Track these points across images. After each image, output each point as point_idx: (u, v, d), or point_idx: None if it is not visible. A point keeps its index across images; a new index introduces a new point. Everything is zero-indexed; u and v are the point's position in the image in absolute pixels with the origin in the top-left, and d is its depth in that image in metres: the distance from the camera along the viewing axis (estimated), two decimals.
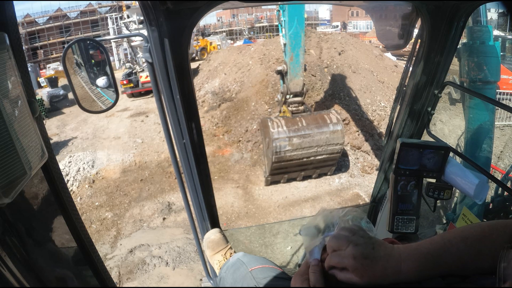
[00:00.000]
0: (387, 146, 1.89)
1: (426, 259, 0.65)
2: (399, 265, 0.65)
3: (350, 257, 0.65)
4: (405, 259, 0.65)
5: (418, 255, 0.66)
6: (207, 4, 1.18)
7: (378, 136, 7.67)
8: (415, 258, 0.65)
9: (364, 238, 0.68)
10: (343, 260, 0.66)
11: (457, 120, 6.87)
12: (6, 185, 0.54)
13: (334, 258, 0.67)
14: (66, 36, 33.37)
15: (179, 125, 1.44)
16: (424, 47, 1.46)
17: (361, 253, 0.65)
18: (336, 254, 0.67)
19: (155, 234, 5.52)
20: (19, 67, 0.63)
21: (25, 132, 0.61)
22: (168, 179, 7.27)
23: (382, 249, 0.67)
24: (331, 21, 43.33)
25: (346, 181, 6.73)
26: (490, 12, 14.79)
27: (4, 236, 0.58)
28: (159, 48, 1.22)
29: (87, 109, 1.17)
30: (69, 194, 0.83)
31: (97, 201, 6.79)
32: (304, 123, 5.89)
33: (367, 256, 0.65)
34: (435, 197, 1.29)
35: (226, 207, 6.13)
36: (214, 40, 27.09)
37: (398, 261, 0.65)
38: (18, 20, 0.70)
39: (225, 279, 1.36)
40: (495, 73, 2.77)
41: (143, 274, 4.55)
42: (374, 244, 0.67)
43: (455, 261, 0.65)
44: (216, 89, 10.69)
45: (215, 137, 8.66)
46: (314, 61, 10.01)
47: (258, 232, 4.10)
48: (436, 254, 0.66)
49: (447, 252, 0.65)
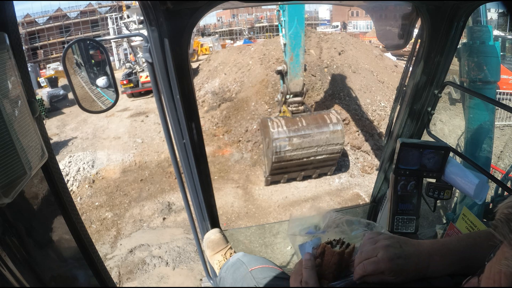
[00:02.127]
0: (387, 146, 1.89)
1: (453, 255, 0.67)
2: (428, 260, 0.66)
3: (385, 261, 0.66)
4: (433, 254, 0.67)
5: (446, 251, 0.67)
6: (207, 4, 1.17)
7: (378, 136, 7.67)
8: (442, 254, 0.67)
9: (388, 239, 0.69)
10: (379, 266, 0.66)
11: (457, 120, 6.87)
12: (6, 185, 0.54)
13: (370, 266, 0.67)
14: (66, 36, 33.38)
15: (179, 125, 1.44)
16: (424, 47, 1.46)
17: (394, 254, 0.66)
18: (370, 262, 0.68)
19: (155, 234, 5.51)
20: (19, 67, 0.63)
21: (25, 132, 0.61)
22: (168, 179, 7.27)
23: (410, 246, 0.68)
24: (331, 21, 43.35)
25: (346, 181, 6.73)
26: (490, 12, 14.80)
27: (4, 236, 0.58)
28: (159, 48, 1.22)
29: (87, 109, 1.16)
30: (69, 194, 0.83)
31: (97, 201, 6.79)
32: (304, 123, 5.89)
33: (400, 255, 0.66)
34: (435, 197, 1.29)
35: (226, 207, 6.13)
36: (206, 42, 26.42)
37: (427, 256, 0.67)
38: (18, 20, 0.70)
39: (225, 279, 1.36)
40: (495, 73, 2.77)
41: (143, 274, 4.55)
42: (400, 242, 0.68)
43: (479, 258, 0.65)
44: (216, 89, 10.68)
45: (215, 137, 8.66)
46: (314, 61, 10.01)
47: (258, 232, 4.10)
48: (463, 250, 0.67)
49: (473, 251, 0.67)
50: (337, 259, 0.72)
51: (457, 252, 0.67)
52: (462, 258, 0.67)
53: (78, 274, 0.93)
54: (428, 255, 0.67)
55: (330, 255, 0.73)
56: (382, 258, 0.66)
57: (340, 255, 0.72)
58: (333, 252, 0.72)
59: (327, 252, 0.73)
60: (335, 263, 0.72)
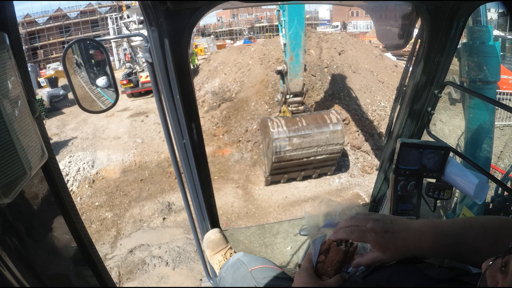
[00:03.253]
0: (387, 146, 1.89)
1: (446, 236, 0.66)
2: (419, 238, 0.66)
3: (372, 232, 0.66)
4: (425, 232, 0.66)
5: (438, 230, 0.67)
6: (207, 4, 1.17)
7: (378, 136, 7.67)
8: (435, 233, 0.66)
9: (380, 215, 0.71)
10: (365, 235, 0.67)
11: (457, 120, 6.86)
12: (6, 185, 0.54)
13: (355, 233, 0.68)
14: (66, 36, 33.38)
15: (179, 125, 1.44)
16: (424, 47, 1.46)
17: (382, 227, 0.67)
18: (357, 229, 0.68)
19: (155, 234, 5.51)
20: (19, 67, 0.63)
21: (25, 132, 0.61)
22: (168, 179, 7.27)
23: (400, 222, 0.68)
24: (331, 21, 43.34)
25: (346, 181, 6.73)
26: (490, 12, 14.80)
27: (4, 236, 0.58)
28: (159, 48, 1.22)
29: (87, 109, 1.16)
30: (69, 194, 0.83)
31: (97, 201, 6.79)
32: (304, 123, 5.89)
33: (387, 229, 0.66)
34: (435, 197, 1.29)
35: (226, 207, 6.13)
36: (201, 42, 26.06)
37: (418, 234, 0.66)
38: (18, 20, 0.70)
39: (225, 279, 1.36)
40: (495, 73, 2.77)
41: (143, 274, 4.55)
42: (391, 219, 0.69)
43: (471, 244, 0.66)
44: (216, 89, 10.68)
45: (215, 137, 8.66)
46: (314, 61, 10.01)
47: (258, 232, 4.10)
48: (456, 233, 0.66)
49: (466, 234, 0.66)
50: (341, 257, 0.72)
51: (450, 234, 0.66)
52: (455, 242, 0.66)
53: (78, 274, 0.93)
54: (420, 233, 0.66)
55: (335, 252, 0.73)
56: (369, 228, 0.67)
57: (345, 253, 0.72)
58: (339, 250, 0.72)
59: (332, 249, 0.73)
60: (339, 261, 0.72)
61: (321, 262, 0.73)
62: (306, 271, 0.72)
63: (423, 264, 0.70)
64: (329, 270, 0.73)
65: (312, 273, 0.72)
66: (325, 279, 0.72)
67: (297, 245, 3.48)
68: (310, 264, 0.74)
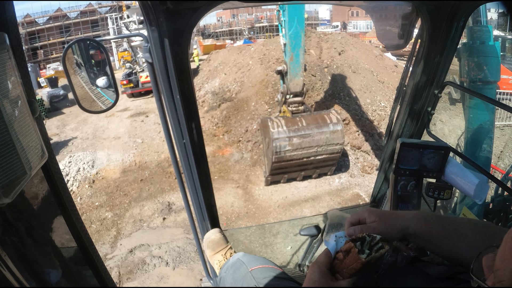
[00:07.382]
0: (387, 146, 1.89)
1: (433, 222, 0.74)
2: (406, 223, 0.74)
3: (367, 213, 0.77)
4: (413, 216, 0.75)
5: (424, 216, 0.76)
6: (207, 4, 1.18)
7: (378, 136, 7.67)
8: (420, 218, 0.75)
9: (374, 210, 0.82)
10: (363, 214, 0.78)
11: (457, 120, 6.86)
12: (6, 185, 0.54)
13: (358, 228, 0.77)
14: (66, 36, 33.35)
15: (179, 125, 1.44)
16: (424, 47, 1.46)
17: (375, 210, 0.79)
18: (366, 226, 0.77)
19: (155, 234, 5.51)
20: (19, 67, 0.63)
21: (25, 132, 0.61)
22: (168, 179, 7.26)
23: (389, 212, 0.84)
24: (331, 21, 43.30)
25: (346, 181, 6.73)
26: (490, 12, 14.80)
27: (4, 236, 0.58)
28: (159, 48, 1.22)
29: (87, 109, 1.16)
30: (69, 194, 0.83)
31: (97, 201, 6.78)
32: (304, 123, 5.89)
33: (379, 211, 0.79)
34: (435, 197, 1.29)
35: (226, 207, 6.13)
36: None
37: (406, 218, 0.75)
38: (18, 20, 0.70)
39: (225, 279, 1.36)
40: (495, 73, 2.77)
41: (143, 274, 4.55)
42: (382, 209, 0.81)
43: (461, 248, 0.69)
44: (216, 89, 10.68)
45: (215, 137, 8.66)
46: (314, 61, 10.00)
47: (258, 232, 4.10)
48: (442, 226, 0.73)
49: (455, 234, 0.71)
50: (359, 267, 0.67)
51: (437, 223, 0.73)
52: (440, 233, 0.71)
53: (78, 274, 0.93)
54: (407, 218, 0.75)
55: (353, 259, 0.67)
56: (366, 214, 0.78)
57: (363, 265, 0.67)
58: (358, 258, 0.67)
59: (352, 255, 0.67)
60: (355, 269, 0.67)
61: (339, 260, 0.70)
62: (319, 268, 0.71)
63: (422, 263, 0.70)
64: (345, 272, 0.69)
65: (326, 270, 0.71)
66: (339, 278, 0.70)
67: (297, 245, 3.48)
68: (326, 260, 0.71)
